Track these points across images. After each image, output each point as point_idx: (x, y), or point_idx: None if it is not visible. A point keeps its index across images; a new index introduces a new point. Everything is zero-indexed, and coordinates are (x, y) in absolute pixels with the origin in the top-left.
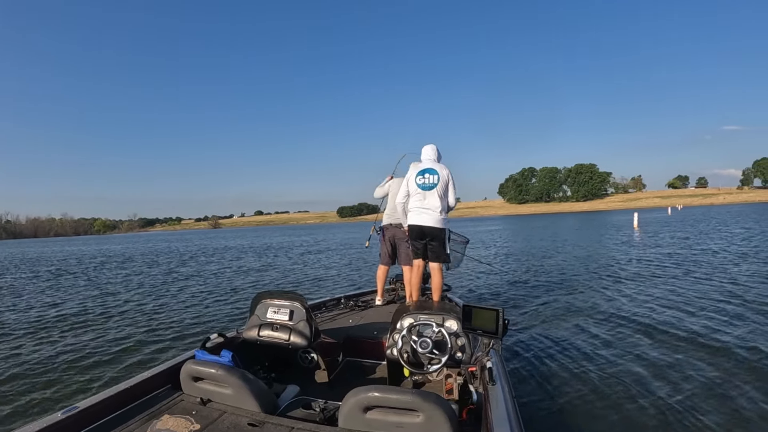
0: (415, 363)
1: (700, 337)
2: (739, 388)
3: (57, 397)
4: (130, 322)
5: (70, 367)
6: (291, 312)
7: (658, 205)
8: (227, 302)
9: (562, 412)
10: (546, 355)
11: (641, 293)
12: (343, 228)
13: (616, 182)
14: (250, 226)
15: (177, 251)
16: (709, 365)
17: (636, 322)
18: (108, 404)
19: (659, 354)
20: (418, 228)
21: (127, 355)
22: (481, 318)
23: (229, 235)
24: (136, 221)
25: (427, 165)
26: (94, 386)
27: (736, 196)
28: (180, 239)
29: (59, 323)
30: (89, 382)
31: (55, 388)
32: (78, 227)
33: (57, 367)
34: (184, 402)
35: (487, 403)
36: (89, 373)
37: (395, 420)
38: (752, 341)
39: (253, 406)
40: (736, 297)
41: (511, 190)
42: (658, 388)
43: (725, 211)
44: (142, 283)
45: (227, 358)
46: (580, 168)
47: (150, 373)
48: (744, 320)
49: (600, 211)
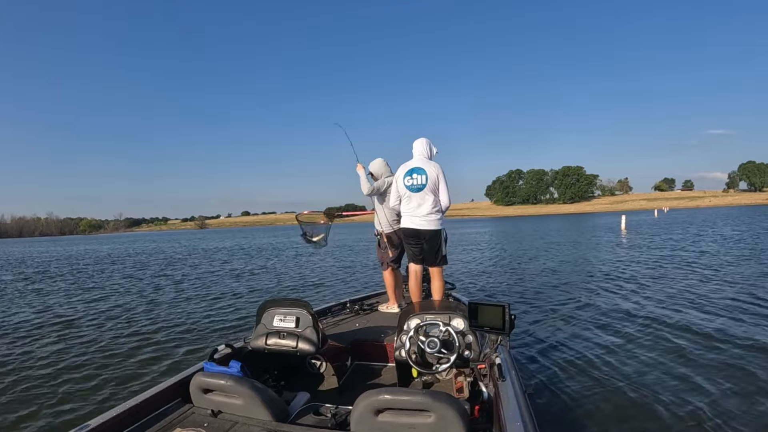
0: (424, 363)
1: (707, 332)
2: (750, 383)
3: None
4: (130, 334)
5: (73, 384)
6: (297, 319)
7: (644, 208)
8: (230, 310)
9: (574, 406)
10: (554, 349)
11: (638, 293)
12: (332, 228)
13: (602, 185)
14: (236, 226)
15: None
16: (715, 358)
17: (638, 317)
18: (119, 421)
19: (662, 348)
20: (411, 231)
21: (135, 369)
22: (488, 315)
23: (217, 236)
24: (122, 221)
25: (415, 163)
26: (100, 402)
27: (722, 199)
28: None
29: (51, 333)
30: (96, 399)
31: (56, 409)
32: (63, 227)
33: (58, 385)
34: (195, 415)
35: (498, 399)
36: (95, 390)
37: (407, 421)
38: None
39: (264, 416)
40: (729, 294)
41: (498, 192)
42: (666, 382)
43: (711, 213)
44: (129, 289)
45: (236, 368)
46: (567, 170)
47: (159, 388)
48: (739, 315)
49: (587, 213)
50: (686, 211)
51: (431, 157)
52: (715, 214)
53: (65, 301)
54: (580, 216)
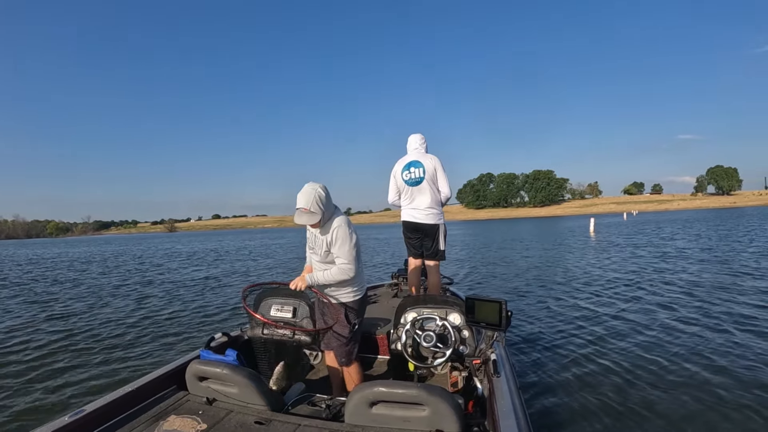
0: (420, 357)
1: (694, 327)
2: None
3: (61, 401)
4: (126, 322)
5: (74, 369)
6: (294, 309)
7: (613, 211)
8: (227, 299)
9: (568, 403)
10: (549, 345)
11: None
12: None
13: (573, 188)
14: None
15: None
16: (706, 351)
17: (629, 317)
18: (114, 406)
19: (651, 343)
20: (411, 225)
21: (131, 358)
22: (484, 310)
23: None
24: (91, 224)
25: (412, 157)
26: (98, 388)
27: (690, 203)
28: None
29: (52, 323)
30: (93, 384)
31: (58, 393)
32: (30, 230)
33: (59, 371)
34: (190, 402)
35: (493, 395)
36: (93, 375)
37: (401, 414)
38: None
39: (259, 404)
40: (697, 291)
41: (469, 195)
42: (658, 378)
43: (679, 216)
44: (93, 293)
45: (232, 357)
46: (538, 174)
47: (155, 375)
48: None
49: (557, 216)
50: (655, 214)
51: (426, 150)
52: (681, 217)
53: (64, 298)
54: (550, 219)
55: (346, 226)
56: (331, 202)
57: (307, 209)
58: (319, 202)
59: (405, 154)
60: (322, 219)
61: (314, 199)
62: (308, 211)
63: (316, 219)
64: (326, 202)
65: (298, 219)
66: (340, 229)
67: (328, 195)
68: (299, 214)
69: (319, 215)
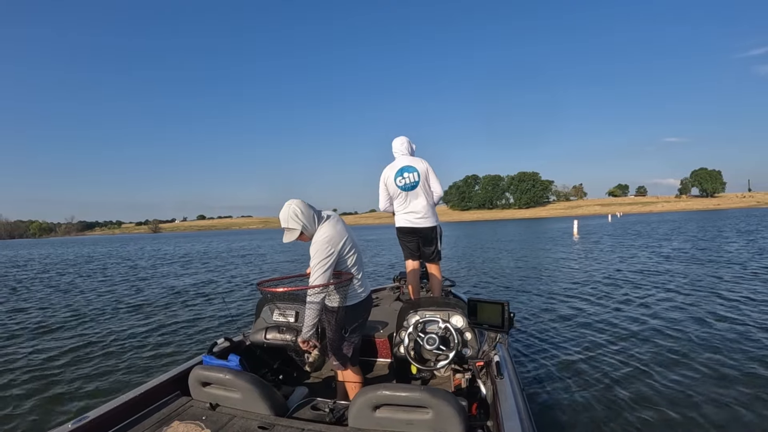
0: (423, 360)
1: (695, 327)
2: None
3: (66, 408)
4: (128, 328)
5: (75, 377)
6: (296, 313)
7: (598, 213)
8: (229, 304)
9: (571, 404)
10: (552, 347)
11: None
12: None
13: (557, 190)
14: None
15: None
16: (709, 353)
17: (630, 320)
18: (118, 413)
19: (655, 344)
20: (408, 229)
21: (133, 364)
22: (487, 312)
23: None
24: (75, 224)
25: (403, 162)
26: (102, 394)
27: (674, 205)
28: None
29: (52, 330)
30: (96, 391)
31: (59, 402)
32: (13, 230)
33: (61, 378)
34: (193, 408)
35: (496, 397)
36: (95, 381)
37: (405, 417)
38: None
39: (262, 409)
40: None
41: (454, 197)
42: (661, 379)
43: (662, 218)
44: (124, 285)
45: (235, 362)
46: (523, 176)
47: (158, 381)
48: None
49: (542, 218)
50: (639, 215)
51: (413, 153)
52: (664, 219)
53: (64, 298)
54: (535, 221)
55: (322, 242)
56: (311, 216)
57: (286, 227)
58: (295, 218)
59: (390, 156)
60: (306, 233)
61: (289, 216)
62: (288, 228)
63: (296, 234)
64: (304, 216)
65: (284, 238)
66: (314, 245)
67: (308, 208)
68: (284, 234)
69: (298, 230)
